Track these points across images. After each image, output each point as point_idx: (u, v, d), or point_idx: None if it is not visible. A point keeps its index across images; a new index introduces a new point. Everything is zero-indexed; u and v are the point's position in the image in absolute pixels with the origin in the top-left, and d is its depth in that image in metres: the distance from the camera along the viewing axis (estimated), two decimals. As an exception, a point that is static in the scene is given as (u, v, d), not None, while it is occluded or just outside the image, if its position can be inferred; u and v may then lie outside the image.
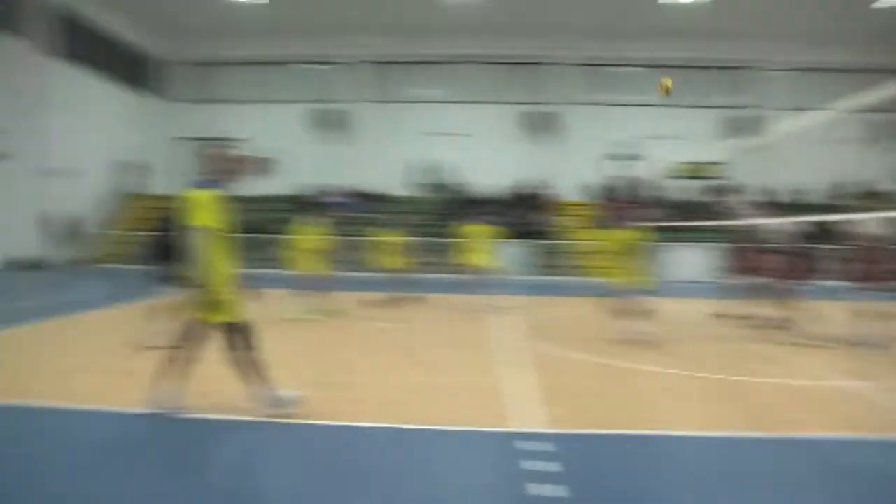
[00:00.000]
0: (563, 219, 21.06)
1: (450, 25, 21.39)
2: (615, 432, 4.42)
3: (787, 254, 8.72)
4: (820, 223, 11.88)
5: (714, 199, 19.91)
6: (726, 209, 9.92)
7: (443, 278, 10.93)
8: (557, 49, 22.68)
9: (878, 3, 18.42)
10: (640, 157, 16.35)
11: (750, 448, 4.24)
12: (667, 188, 21.22)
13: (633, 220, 7.56)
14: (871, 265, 7.42)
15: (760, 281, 8.88)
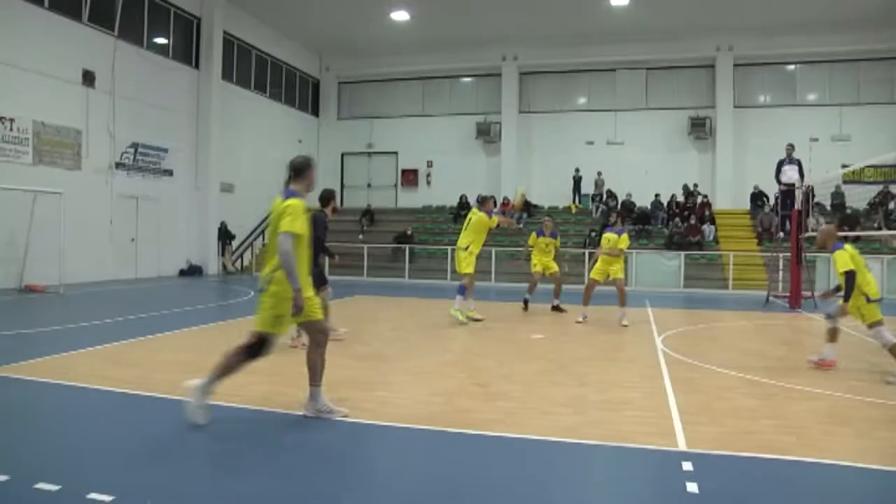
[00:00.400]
0: (721, 229, 19.96)
1: (606, 32, 21.22)
2: (768, 456, 4.17)
3: None
4: None
5: (881, 205, 17.88)
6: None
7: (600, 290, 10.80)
8: (714, 50, 21.62)
9: None
10: (801, 161, 15.11)
11: None
12: (842, 195, 19.35)
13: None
14: None
15: None
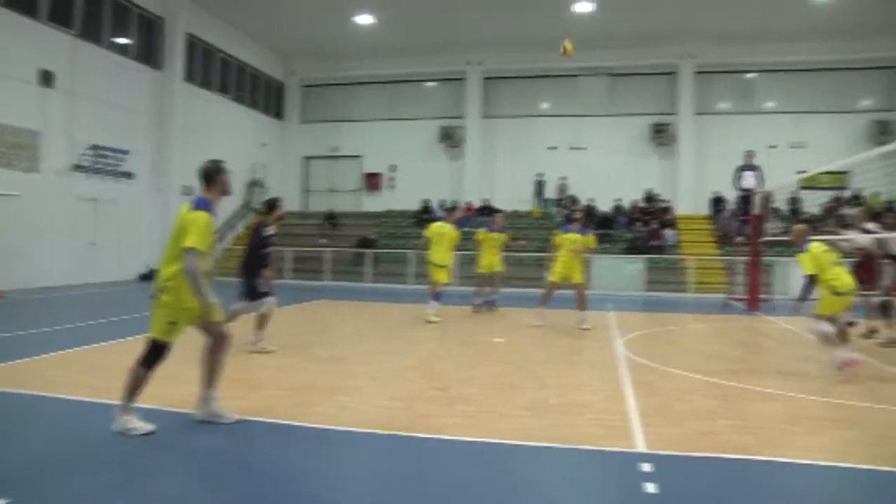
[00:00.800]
0: (681, 233, 20.29)
1: (569, 37, 21.25)
2: (726, 456, 4.28)
3: None
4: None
5: (834, 210, 18.46)
6: (845, 221, 9.42)
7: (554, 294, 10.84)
8: (677, 58, 21.98)
9: None
10: (761, 168, 15.53)
11: (883, 483, 3.96)
12: (799, 200, 19.85)
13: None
14: None
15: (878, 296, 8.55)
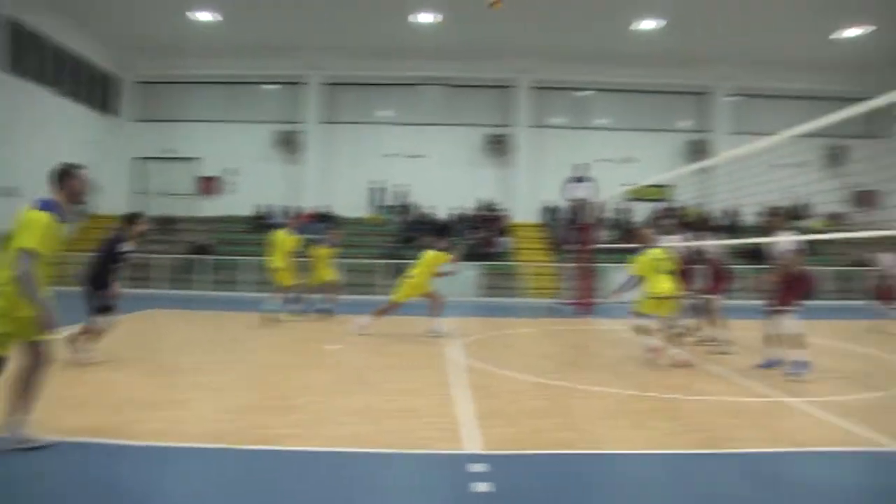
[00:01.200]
0: (516, 241, 21.07)
1: (410, 48, 21.34)
2: (556, 452, 4.37)
3: (717, 271, 9.25)
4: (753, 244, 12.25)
5: (652, 221, 20.37)
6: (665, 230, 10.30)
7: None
8: (515, 72, 22.72)
9: (834, 35, 19.26)
10: (594, 180, 16.65)
11: (695, 465, 4.24)
12: (626, 211, 21.51)
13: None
14: (788, 284, 7.37)
15: (688, 298, 9.20)
